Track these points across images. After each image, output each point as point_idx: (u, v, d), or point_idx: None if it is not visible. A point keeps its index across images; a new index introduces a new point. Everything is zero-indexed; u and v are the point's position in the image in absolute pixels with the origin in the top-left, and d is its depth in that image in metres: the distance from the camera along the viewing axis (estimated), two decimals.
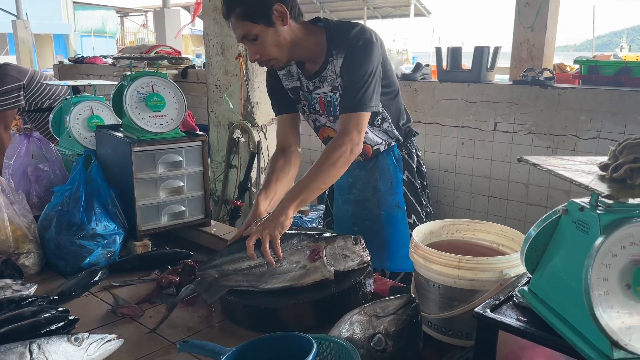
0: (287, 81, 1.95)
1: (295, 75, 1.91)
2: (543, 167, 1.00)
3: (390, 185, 1.99)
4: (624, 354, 0.84)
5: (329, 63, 1.80)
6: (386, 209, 1.99)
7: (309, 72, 1.87)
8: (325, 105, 1.89)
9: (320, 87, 1.86)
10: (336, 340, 1.08)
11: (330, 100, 1.86)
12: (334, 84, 1.82)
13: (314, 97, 1.89)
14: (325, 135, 2.01)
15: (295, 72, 1.91)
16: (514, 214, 4.44)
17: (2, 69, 3.22)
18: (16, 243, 1.74)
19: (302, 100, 1.95)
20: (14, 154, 2.11)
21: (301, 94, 1.93)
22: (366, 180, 2.00)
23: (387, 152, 1.99)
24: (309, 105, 1.95)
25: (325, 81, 1.84)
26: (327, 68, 1.81)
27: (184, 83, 6.06)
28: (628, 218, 0.86)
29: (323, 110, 1.91)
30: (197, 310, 1.53)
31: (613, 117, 3.89)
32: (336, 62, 1.78)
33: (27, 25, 11.54)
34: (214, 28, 3.43)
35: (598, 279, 0.85)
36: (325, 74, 1.82)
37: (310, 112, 1.97)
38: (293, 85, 1.94)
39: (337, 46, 1.77)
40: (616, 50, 7.97)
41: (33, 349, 1.06)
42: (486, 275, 1.21)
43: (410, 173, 2.02)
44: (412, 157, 2.03)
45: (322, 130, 2.00)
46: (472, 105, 4.52)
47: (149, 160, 1.93)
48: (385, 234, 1.98)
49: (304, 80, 1.89)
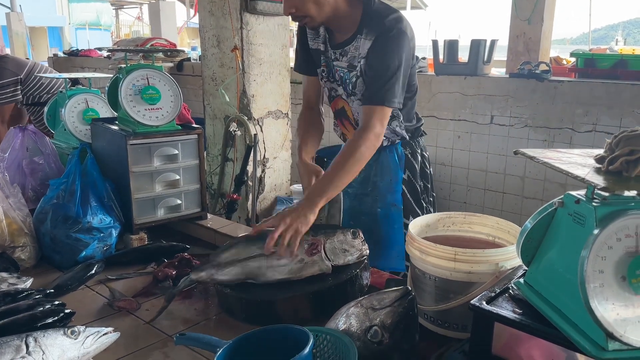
0: (312, 41, 1.93)
1: (322, 38, 1.89)
2: (539, 160, 1.00)
3: (389, 183, 1.96)
4: (619, 346, 0.84)
5: (355, 39, 1.78)
6: (383, 207, 1.97)
7: (335, 42, 1.85)
8: (340, 80, 1.88)
9: (339, 60, 1.84)
10: (333, 332, 1.08)
11: (342, 76, 1.86)
12: (352, 62, 1.80)
13: (332, 65, 1.88)
14: (338, 107, 1.98)
15: (323, 35, 1.88)
16: (510, 206, 4.45)
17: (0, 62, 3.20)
18: (11, 237, 1.73)
19: (322, 64, 1.92)
20: (8, 147, 2.10)
21: (322, 58, 1.91)
22: (366, 175, 1.98)
23: (389, 149, 1.96)
24: (328, 72, 1.92)
25: (345, 56, 1.82)
26: (352, 44, 1.79)
27: (179, 76, 6.03)
28: (624, 210, 0.87)
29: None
30: (194, 303, 1.53)
31: (609, 110, 3.90)
32: (364, 41, 1.75)
33: (21, 18, 11.44)
34: (210, 20, 3.41)
35: (594, 271, 0.85)
36: (348, 49, 1.80)
37: (328, 80, 1.94)
38: (317, 47, 1.92)
39: (370, 26, 1.74)
40: (611, 43, 7.98)
41: (29, 342, 1.06)
42: (482, 268, 1.22)
43: (411, 173, 1.98)
44: (415, 156, 1.99)
45: (336, 101, 1.98)
46: (468, 98, 4.52)
47: (144, 154, 1.93)
48: (380, 232, 1.96)
49: (328, 44, 1.87)
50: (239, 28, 3.22)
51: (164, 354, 1.27)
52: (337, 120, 2.06)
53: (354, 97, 1.86)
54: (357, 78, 1.81)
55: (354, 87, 1.83)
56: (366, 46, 1.75)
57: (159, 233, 1.99)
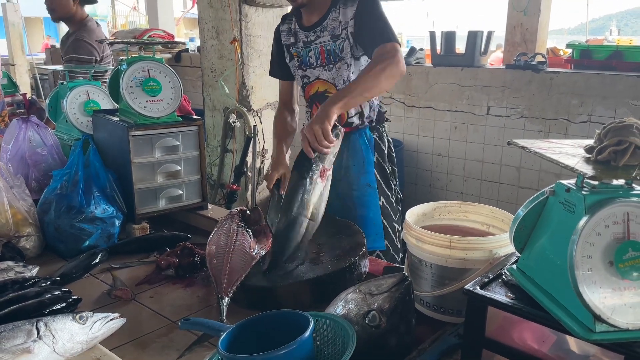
0: (285, 37, 2.08)
1: (292, 31, 2.04)
2: (531, 150, 1.03)
3: (362, 165, 2.03)
4: (606, 327, 0.88)
5: (330, 13, 1.92)
6: (358, 188, 2.04)
7: (307, 24, 1.99)
8: (325, 54, 1.97)
9: (321, 36, 1.96)
10: (332, 317, 1.12)
11: (330, 48, 1.96)
12: (335, 32, 1.92)
13: (315, 47, 1.98)
14: (313, 91, 2.07)
15: (293, 29, 2.03)
16: (506, 196, 4.50)
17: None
18: (16, 226, 1.76)
19: (294, 55, 2.06)
20: (11, 139, 2.12)
21: (293, 49, 2.05)
22: (338, 160, 2.02)
23: (358, 133, 2.04)
24: (302, 61, 2.04)
25: (325, 30, 1.95)
26: (329, 17, 1.92)
27: (177, 67, 6.04)
28: (612, 198, 0.90)
29: (323, 60, 1.99)
30: (196, 291, 1.57)
31: (604, 101, 3.93)
32: (342, 10, 1.88)
33: (17, 8, 11.33)
34: (209, 12, 3.42)
35: (582, 256, 0.88)
36: (326, 23, 1.93)
37: (301, 68, 2.06)
38: (289, 42, 2.06)
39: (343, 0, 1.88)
40: (606, 34, 8.00)
41: (40, 327, 1.09)
42: (476, 255, 1.25)
43: (380, 156, 2.08)
44: (382, 140, 2.09)
45: (311, 86, 2.07)
46: (465, 89, 4.55)
47: (146, 145, 1.96)
48: (357, 214, 2.03)
49: (301, 34, 2.01)
50: (238, 20, 3.24)
51: (169, 339, 1.31)
52: (311, 107, 2.13)
53: (340, 62, 1.96)
54: (344, 41, 1.92)
55: (341, 51, 1.94)
56: (348, 13, 1.89)
57: (160, 223, 2.03)
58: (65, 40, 3.56)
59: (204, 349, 1.25)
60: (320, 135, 1.57)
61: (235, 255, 1.50)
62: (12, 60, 9.65)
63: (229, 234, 1.61)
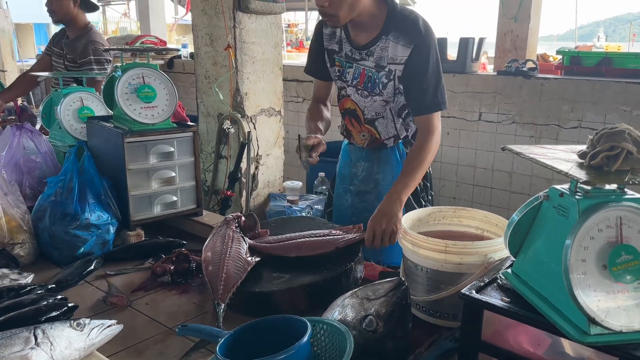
0: (328, 41, 2.00)
1: (337, 39, 1.96)
2: (526, 156, 1.05)
3: (391, 179, 2.01)
4: (600, 330, 0.89)
5: (380, 40, 1.84)
6: None
7: (357, 42, 1.91)
8: (364, 79, 1.93)
9: (366, 59, 1.90)
10: (329, 322, 1.12)
11: (371, 76, 1.90)
12: (380, 62, 1.86)
13: (357, 66, 1.92)
14: (345, 107, 2.04)
15: (339, 36, 1.95)
16: (498, 201, 4.52)
17: None
18: (10, 233, 1.75)
19: (336, 64, 1.99)
20: (5, 146, 2.11)
21: (336, 57, 1.98)
22: (368, 172, 2.04)
23: (391, 149, 2.03)
24: (342, 72, 1.99)
25: (371, 56, 1.88)
26: (377, 45, 1.85)
27: (170, 73, 6.01)
28: (605, 203, 0.92)
29: (361, 83, 1.94)
30: (192, 297, 1.57)
31: (594, 106, 3.98)
32: (393, 44, 1.82)
33: (8, 15, 11.28)
34: (203, 19, 3.43)
35: (577, 260, 0.90)
36: (374, 49, 1.86)
37: (339, 79, 2.01)
38: (332, 48, 1.99)
39: (397, 30, 1.81)
40: (594, 40, 8.10)
41: (38, 334, 1.09)
42: (472, 259, 1.27)
43: None
44: None
45: (344, 101, 2.04)
46: (457, 95, 4.58)
47: (140, 151, 1.95)
48: None
49: (347, 46, 1.93)
50: (232, 27, 3.25)
51: (165, 346, 1.31)
52: (344, 118, 2.11)
53: (378, 97, 1.91)
54: (390, 81, 1.87)
55: (383, 87, 1.89)
56: (399, 51, 1.82)
57: (155, 229, 2.02)
58: (69, 44, 3.53)
59: (201, 355, 1.25)
60: (385, 238, 1.66)
61: (231, 261, 1.51)
62: (3, 66, 9.60)
63: (225, 240, 1.62)
